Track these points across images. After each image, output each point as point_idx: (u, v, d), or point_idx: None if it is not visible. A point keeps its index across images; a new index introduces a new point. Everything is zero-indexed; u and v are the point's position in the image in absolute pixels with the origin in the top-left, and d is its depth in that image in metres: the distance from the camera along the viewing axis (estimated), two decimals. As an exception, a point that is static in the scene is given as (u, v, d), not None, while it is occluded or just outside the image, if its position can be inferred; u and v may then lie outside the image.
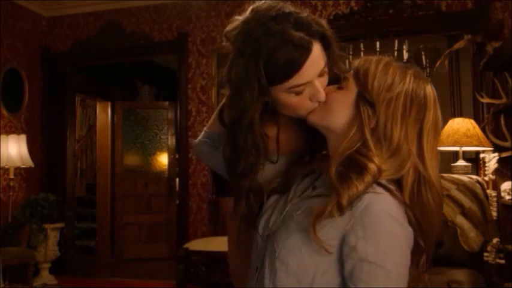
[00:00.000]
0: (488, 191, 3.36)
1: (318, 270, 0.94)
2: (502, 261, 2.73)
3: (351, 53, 4.77)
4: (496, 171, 3.80)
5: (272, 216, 1.08)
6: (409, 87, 0.98)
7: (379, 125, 0.98)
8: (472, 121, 3.79)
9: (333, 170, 0.96)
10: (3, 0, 5.03)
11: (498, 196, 3.66)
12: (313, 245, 0.94)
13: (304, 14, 1.02)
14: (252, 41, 0.99)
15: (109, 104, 6.91)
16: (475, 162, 4.22)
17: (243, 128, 1.05)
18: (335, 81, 1.08)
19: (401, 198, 0.95)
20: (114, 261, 6.52)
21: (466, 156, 4.00)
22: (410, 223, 0.95)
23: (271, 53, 0.97)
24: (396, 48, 4.61)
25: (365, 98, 0.99)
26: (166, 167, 6.82)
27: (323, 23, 1.04)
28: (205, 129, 1.31)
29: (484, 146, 3.69)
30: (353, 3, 4.68)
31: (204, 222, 4.96)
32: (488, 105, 4.04)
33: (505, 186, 3.57)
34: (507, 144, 3.52)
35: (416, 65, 4.78)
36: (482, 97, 3.95)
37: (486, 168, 3.93)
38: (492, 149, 3.76)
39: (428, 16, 4.45)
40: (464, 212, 2.79)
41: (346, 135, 0.99)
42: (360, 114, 0.99)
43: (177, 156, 6.33)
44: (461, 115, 4.72)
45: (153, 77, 7.82)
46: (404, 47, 4.61)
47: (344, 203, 0.91)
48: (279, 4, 1.03)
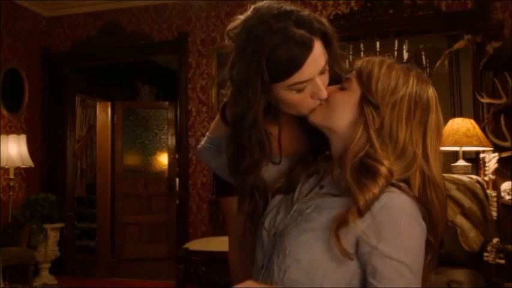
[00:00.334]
0: (488, 191, 3.36)
1: (329, 267, 0.96)
2: (502, 261, 2.73)
3: (351, 53, 4.77)
4: (496, 171, 3.80)
5: (278, 215, 1.09)
6: (413, 90, 1.00)
7: (385, 126, 0.99)
8: (472, 121, 3.79)
9: (348, 175, 0.97)
10: (3, 0, 5.03)
11: (498, 196, 3.66)
12: (325, 242, 0.95)
13: (305, 12, 1.03)
14: (254, 38, 1.00)
15: (109, 104, 6.91)
16: (475, 162, 4.22)
17: (247, 125, 1.06)
18: (336, 80, 1.09)
19: (414, 195, 0.97)
20: (114, 261, 6.51)
21: (466, 156, 4.00)
22: (424, 219, 0.97)
23: (273, 50, 0.97)
24: (396, 48, 4.61)
25: (369, 100, 1.01)
26: (166, 167, 6.82)
27: (324, 21, 1.05)
28: (207, 134, 1.31)
29: (484, 146, 3.69)
30: (353, 3, 4.68)
31: (204, 222, 4.96)
32: (488, 105, 4.04)
33: (505, 186, 3.57)
34: (507, 144, 3.52)
35: (417, 65, 4.79)
36: (482, 97, 3.95)
37: (486, 168, 3.93)
38: (492, 149, 3.76)
39: (428, 16, 4.45)
40: (464, 212, 2.79)
41: (352, 137, 1.01)
42: (364, 115, 1.00)
43: (177, 156, 6.33)
44: (461, 115, 4.72)
45: (153, 77, 7.82)
46: (404, 47, 4.61)
47: (364, 209, 0.93)
48: (280, 3, 1.04)
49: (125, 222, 6.56)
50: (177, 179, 6.11)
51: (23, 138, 4.79)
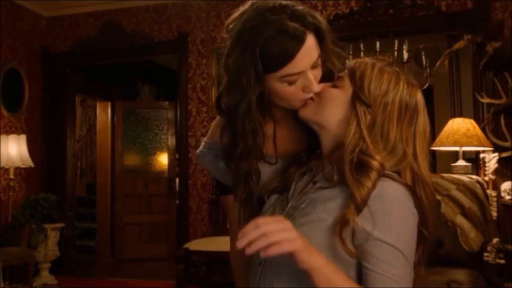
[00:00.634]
0: (488, 191, 3.36)
1: (327, 258, 0.97)
2: (502, 261, 2.73)
3: (351, 53, 4.76)
4: (496, 171, 3.81)
5: (275, 213, 1.11)
6: (403, 93, 1.04)
7: (376, 124, 1.03)
8: (472, 121, 3.79)
9: (347, 171, 0.99)
10: (3, 0, 5.03)
11: (498, 196, 3.66)
12: (321, 234, 0.98)
13: (300, 7, 1.06)
14: (249, 29, 1.03)
15: (109, 104, 6.91)
16: (475, 162, 4.22)
17: (241, 113, 1.08)
18: (328, 76, 1.12)
19: (406, 183, 1.00)
20: (114, 261, 6.52)
21: (466, 156, 4.00)
22: (416, 207, 1.00)
23: (267, 41, 1.00)
24: (396, 48, 4.60)
25: (361, 98, 1.04)
26: (166, 167, 6.82)
27: (318, 16, 1.08)
28: (205, 139, 1.32)
29: (484, 146, 3.69)
30: (353, 3, 4.68)
31: (204, 222, 4.96)
32: (488, 105, 4.04)
33: (505, 186, 3.57)
34: (507, 144, 3.52)
35: (416, 65, 4.79)
36: (482, 97, 3.95)
37: (486, 168, 3.93)
38: (492, 149, 3.76)
39: (428, 16, 4.46)
40: (464, 212, 2.79)
41: (346, 133, 1.03)
42: (356, 112, 1.03)
43: (177, 156, 6.32)
44: (461, 115, 4.72)
45: (153, 77, 7.82)
46: (404, 47, 4.60)
47: (361, 205, 0.95)
48: None
49: (124, 222, 6.56)
50: (177, 179, 6.12)
51: (23, 138, 4.79)
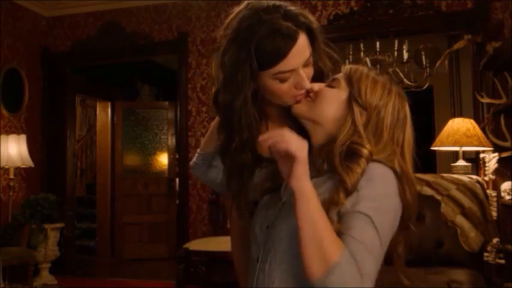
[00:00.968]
0: (488, 191, 3.36)
1: None
2: (502, 261, 2.73)
3: (351, 53, 4.76)
4: (496, 171, 3.81)
5: (268, 210, 1.14)
6: (396, 102, 1.12)
7: (370, 124, 1.09)
8: (472, 121, 3.79)
9: (337, 161, 1.05)
10: (3, 0, 5.03)
11: (498, 196, 3.66)
12: None
13: (293, 7, 1.11)
14: (244, 28, 1.09)
15: (109, 104, 6.92)
16: (475, 162, 4.22)
17: (237, 108, 1.12)
18: (319, 75, 1.18)
19: (394, 168, 1.05)
20: (114, 261, 6.52)
21: (466, 156, 4.00)
22: (400, 194, 1.05)
23: (261, 39, 1.06)
24: (396, 48, 4.60)
25: (357, 101, 1.10)
26: (166, 167, 6.83)
27: (310, 16, 1.13)
28: (198, 151, 1.35)
29: (484, 146, 3.69)
30: (353, 3, 4.68)
31: (204, 222, 4.96)
32: (488, 105, 4.04)
33: (505, 186, 3.57)
34: (507, 144, 3.52)
35: (416, 65, 4.79)
36: (482, 97, 3.95)
37: (486, 168, 3.93)
38: (492, 149, 3.76)
39: (428, 16, 4.45)
40: (464, 212, 2.78)
41: (341, 130, 1.09)
42: (353, 111, 1.09)
43: (177, 156, 6.32)
44: (461, 115, 4.72)
45: (153, 77, 7.82)
46: (404, 47, 4.60)
47: (351, 190, 1.01)
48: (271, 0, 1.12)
49: (125, 222, 6.56)
50: (177, 179, 6.12)
51: (23, 138, 4.79)
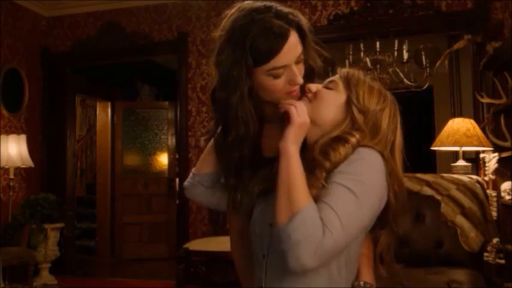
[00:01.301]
0: (488, 191, 3.36)
1: None
2: (502, 261, 2.73)
3: (351, 52, 4.77)
4: (496, 171, 3.81)
5: (268, 208, 1.15)
6: (391, 109, 1.19)
7: (369, 123, 1.16)
8: (472, 121, 3.79)
9: (317, 150, 1.13)
10: (3, 0, 5.03)
11: (498, 196, 3.66)
12: None
13: (283, 8, 1.16)
14: (238, 28, 1.14)
15: (109, 104, 6.91)
16: (475, 162, 4.22)
17: (233, 104, 1.16)
18: (310, 73, 1.23)
19: (383, 153, 1.12)
20: (114, 261, 6.52)
21: (466, 156, 4.00)
22: (387, 182, 1.11)
23: (255, 37, 1.11)
24: (396, 48, 4.61)
25: (356, 105, 1.16)
26: (166, 167, 6.82)
27: (300, 16, 1.18)
28: (193, 171, 1.34)
29: (484, 146, 3.69)
30: (353, 3, 4.68)
31: (204, 222, 4.96)
32: (488, 105, 4.04)
33: (505, 186, 3.57)
34: (507, 144, 3.52)
35: (416, 65, 4.79)
36: (482, 97, 3.95)
37: (486, 168, 3.93)
38: (492, 149, 3.76)
39: (428, 16, 4.45)
40: (464, 212, 2.78)
41: (336, 128, 1.16)
42: (352, 113, 1.16)
43: (177, 156, 6.32)
44: (461, 115, 4.72)
45: (153, 77, 7.82)
46: (404, 47, 4.61)
47: (330, 167, 1.09)
48: (261, 1, 1.18)
49: (124, 222, 6.56)
50: (177, 179, 6.12)
51: (23, 138, 4.79)
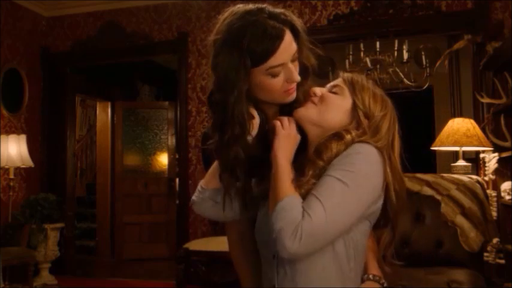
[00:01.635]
0: (488, 191, 3.36)
1: None
2: (502, 261, 2.73)
3: (351, 52, 4.77)
4: (496, 171, 3.81)
5: (267, 215, 1.17)
6: (392, 115, 1.25)
7: (371, 127, 1.20)
8: (472, 121, 3.79)
9: (312, 149, 1.19)
10: (3, 0, 5.03)
11: (498, 196, 3.66)
12: None
13: (275, 9, 1.19)
14: (234, 30, 1.15)
15: (109, 104, 6.91)
16: (475, 162, 4.22)
17: (231, 104, 1.17)
18: (304, 71, 1.25)
19: (379, 147, 1.16)
20: (114, 261, 6.52)
21: (466, 156, 4.00)
22: (385, 177, 1.16)
23: (252, 38, 1.13)
24: (396, 48, 4.61)
25: (362, 110, 1.21)
26: (166, 167, 6.82)
27: (292, 15, 1.21)
28: (201, 185, 1.33)
29: (484, 146, 3.69)
30: (353, 3, 4.68)
31: (204, 222, 4.96)
32: (488, 105, 4.04)
33: (505, 186, 3.57)
34: (507, 144, 3.52)
35: (416, 65, 4.79)
36: (482, 97, 3.95)
37: (486, 168, 3.93)
38: (492, 149, 3.76)
39: (428, 16, 4.45)
40: (464, 212, 2.79)
41: (343, 129, 1.20)
42: (358, 118, 1.21)
43: (177, 156, 6.32)
44: (461, 115, 4.72)
45: (153, 77, 7.82)
46: (404, 47, 4.60)
47: (323, 166, 1.14)
48: (255, 4, 1.20)
49: (124, 222, 6.56)
50: (177, 179, 6.11)
51: (23, 138, 4.79)
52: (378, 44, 4.60)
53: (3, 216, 4.73)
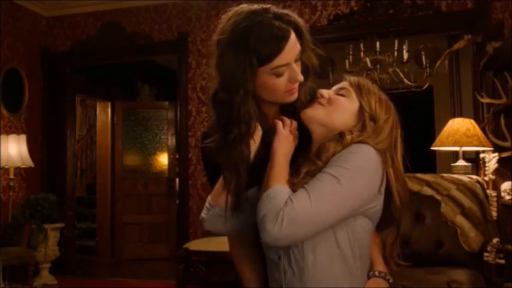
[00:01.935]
0: (488, 191, 3.36)
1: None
2: (502, 261, 2.73)
3: (351, 52, 4.76)
4: (496, 171, 3.81)
5: None
6: (395, 118, 1.28)
7: (376, 127, 1.24)
8: (472, 121, 3.79)
9: (314, 149, 1.22)
10: (3, 0, 5.03)
11: (498, 196, 3.66)
12: None
13: (279, 9, 1.20)
14: (240, 30, 1.16)
15: (109, 104, 6.91)
16: (475, 162, 4.22)
17: (237, 103, 1.18)
18: (305, 70, 1.26)
19: (377, 147, 1.17)
20: (114, 261, 6.52)
21: (466, 156, 4.00)
22: (386, 175, 1.19)
23: (258, 38, 1.14)
24: (396, 48, 4.60)
25: (367, 111, 1.24)
26: (166, 167, 6.82)
27: (296, 16, 1.22)
28: (210, 202, 1.31)
29: (484, 146, 3.69)
30: (353, 3, 4.68)
31: (204, 222, 4.95)
32: (488, 105, 4.04)
33: (505, 186, 3.57)
34: (507, 144, 3.52)
35: (416, 65, 4.79)
36: (482, 97, 3.95)
37: (486, 168, 3.93)
38: (492, 149, 3.76)
39: (428, 16, 4.45)
40: (464, 212, 2.79)
41: (348, 132, 1.22)
42: (364, 121, 1.24)
43: (177, 156, 6.32)
44: (461, 115, 4.72)
45: (153, 77, 7.82)
46: (404, 47, 4.60)
47: (321, 166, 1.15)
48: (259, 4, 1.21)
49: (125, 222, 6.56)
50: (177, 179, 6.11)
51: (23, 138, 4.79)
52: (378, 44, 4.60)
53: (3, 216, 4.73)
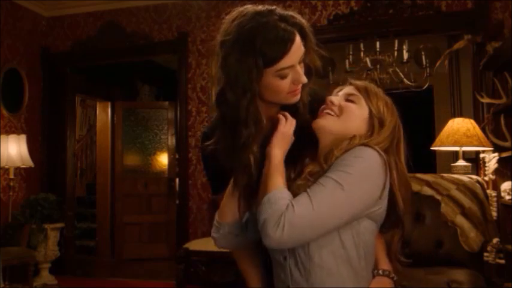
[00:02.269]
0: (488, 191, 3.35)
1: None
2: (502, 261, 2.73)
3: (351, 52, 4.76)
4: (496, 171, 3.81)
5: None
6: (398, 121, 1.30)
7: (384, 129, 1.26)
8: (472, 121, 3.79)
9: (321, 160, 1.22)
10: (3, 0, 5.03)
11: (498, 196, 3.66)
12: None
13: (284, 11, 1.21)
14: (246, 31, 1.16)
15: (109, 104, 6.91)
16: (475, 162, 4.22)
17: (244, 105, 1.18)
18: (308, 72, 1.27)
19: (379, 151, 1.18)
20: (114, 261, 6.52)
21: (466, 156, 4.00)
22: (389, 179, 1.18)
23: (264, 40, 1.14)
24: (396, 48, 4.60)
25: (376, 116, 1.26)
26: (166, 167, 6.82)
27: (300, 18, 1.22)
28: (217, 219, 1.31)
29: (484, 146, 3.69)
30: (353, 3, 4.68)
31: (204, 222, 4.96)
32: (488, 105, 4.04)
33: (505, 186, 3.57)
34: (507, 144, 3.52)
35: (416, 65, 4.79)
36: (482, 97, 3.95)
37: (486, 168, 3.93)
38: (492, 149, 3.76)
39: (428, 16, 4.45)
40: (464, 212, 2.78)
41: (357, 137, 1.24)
42: (373, 126, 1.25)
43: (177, 156, 6.32)
44: (461, 115, 4.72)
45: (153, 77, 7.82)
46: (404, 47, 4.60)
47: (325, 168, 1.17)
48: (264, 5, 1.21)
49: (125, 222, 6.56)
50: (177, 179, 6.11)
51: (23, 138, 4.79)
52: (378, 44, 4.60)
53: (3, 216, 4.73)
